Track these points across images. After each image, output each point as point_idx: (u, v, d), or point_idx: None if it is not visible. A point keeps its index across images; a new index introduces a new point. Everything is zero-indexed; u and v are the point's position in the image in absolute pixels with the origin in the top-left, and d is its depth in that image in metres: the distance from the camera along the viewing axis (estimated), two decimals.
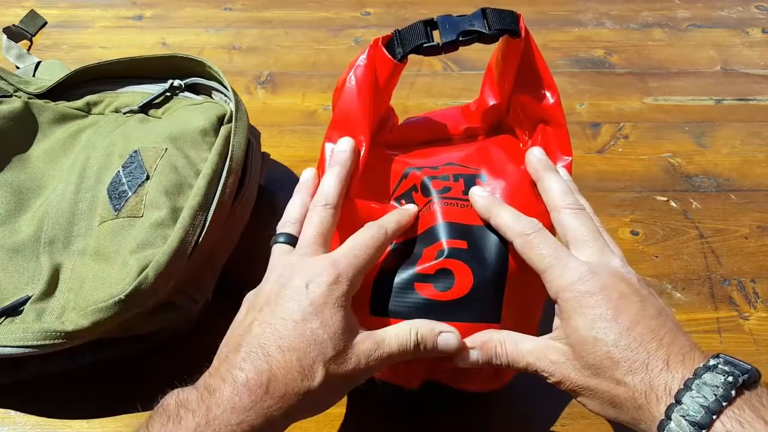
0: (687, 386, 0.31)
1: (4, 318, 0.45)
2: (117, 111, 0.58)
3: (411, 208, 0.42)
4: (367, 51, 0.42)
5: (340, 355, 0.35)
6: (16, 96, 0.59)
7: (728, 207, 0.62)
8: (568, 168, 0.44)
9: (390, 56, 0.42)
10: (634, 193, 0.63)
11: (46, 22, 0.82)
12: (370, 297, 0.39)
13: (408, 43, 0.41)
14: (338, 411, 0.47)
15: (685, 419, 0.30)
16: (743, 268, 0.57)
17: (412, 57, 0.42)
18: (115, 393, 0.48)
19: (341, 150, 0.42)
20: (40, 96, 0.59)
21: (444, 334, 0.38)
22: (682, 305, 0.54)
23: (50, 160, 0.55)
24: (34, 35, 0.80)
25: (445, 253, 0.39)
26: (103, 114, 0.59)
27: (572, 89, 0.75)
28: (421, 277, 0.39)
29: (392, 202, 0.44)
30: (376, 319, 0.39)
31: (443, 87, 0.75)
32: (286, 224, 0.42)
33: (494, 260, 0.39)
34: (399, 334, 0.37)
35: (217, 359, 0.35)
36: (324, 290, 0.35)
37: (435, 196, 0.42)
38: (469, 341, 0.38)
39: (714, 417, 0.29)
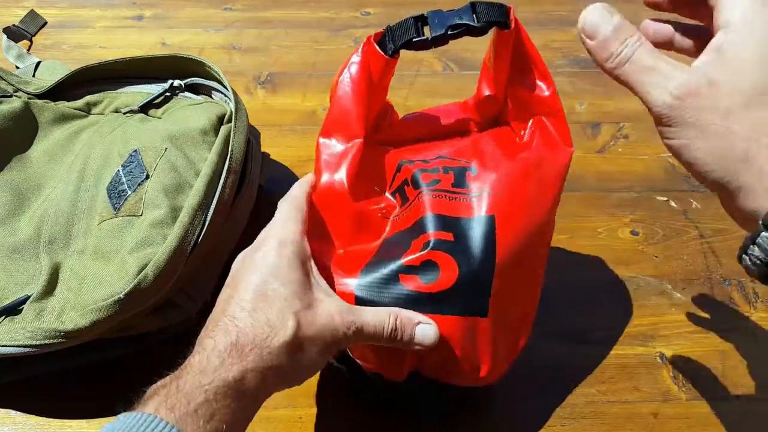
0: None
1: (3, 317, 0.45)
2: (117, 111, 0.58)
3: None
4: (360, 49, 0.43)
5: (310, 307, 0.35)
6: (16, 96, 0.59)
7: None
8: (569, 158, 0.44)
9: (381, 52, 0.43)
10: (634, 193, 0.63)
11: (46, 22, 0.82)
12: (356, 288, 0.40)
13: (399, 38, 0.42)
14: (337, 411, 0.47)
15: None
16: None
17: (411, 57, 0.43)
18: (115, 393, 0.48)
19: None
20: (40, 96, 0.59)
21: (422, 325, 0.38)
22: (682, 305, 0.54)
23: (50, 159, 0.55)
24: (34, 35, 0.80)
25: (431, 245, 0.39)
26: (103, 114, 0.59)
27: (572, 89, 0.75)
28: (407, 269, 0.39)
29: (387, 195, 0.45)
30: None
31: (443, 87, 0.75)
32: None
33: (481, 253, 0.39)
34: (378, 313, 0.37)
35: None
36: (273, 254, 0.37)
37: (424, 189, 0.42)
38: None
39: None
